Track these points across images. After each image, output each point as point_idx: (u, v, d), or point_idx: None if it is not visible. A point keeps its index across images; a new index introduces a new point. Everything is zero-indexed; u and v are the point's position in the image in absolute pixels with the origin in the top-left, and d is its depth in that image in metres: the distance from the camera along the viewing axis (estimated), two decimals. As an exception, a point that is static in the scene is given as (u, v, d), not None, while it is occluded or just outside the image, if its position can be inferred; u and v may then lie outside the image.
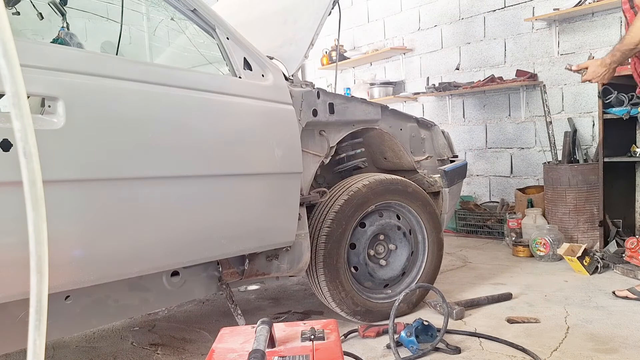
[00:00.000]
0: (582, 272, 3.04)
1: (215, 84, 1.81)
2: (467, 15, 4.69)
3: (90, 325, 1.92)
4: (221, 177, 1.78)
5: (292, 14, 2.44)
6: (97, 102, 1.45)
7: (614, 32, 3.68)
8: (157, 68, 1.78)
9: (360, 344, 2.13)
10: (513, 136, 4.44)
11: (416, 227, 2.53)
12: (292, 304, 2.80)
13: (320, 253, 2.17)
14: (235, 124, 1.82)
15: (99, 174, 1.45)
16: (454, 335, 2.15)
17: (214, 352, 1.19)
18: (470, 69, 4.72)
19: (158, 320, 2.62)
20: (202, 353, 2.14)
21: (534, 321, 2.28)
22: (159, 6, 2.33)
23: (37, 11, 2.25)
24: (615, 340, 2.02)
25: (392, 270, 2.42)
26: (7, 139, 1.25)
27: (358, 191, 2.26)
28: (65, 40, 2.12)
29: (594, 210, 3.55)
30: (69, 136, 1.37)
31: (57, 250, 1.37)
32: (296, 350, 1.16)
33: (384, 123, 2.54)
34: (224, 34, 1.90)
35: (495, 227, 4.28)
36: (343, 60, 5.55)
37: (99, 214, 1.46)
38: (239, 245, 1.88)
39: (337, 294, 2.22)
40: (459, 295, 2.71)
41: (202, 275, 2.04)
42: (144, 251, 1.60)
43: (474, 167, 4.74)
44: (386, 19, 5.49)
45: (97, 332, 2.49)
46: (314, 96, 2.18)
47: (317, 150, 2.24)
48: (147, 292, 1.87)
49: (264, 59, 2.01)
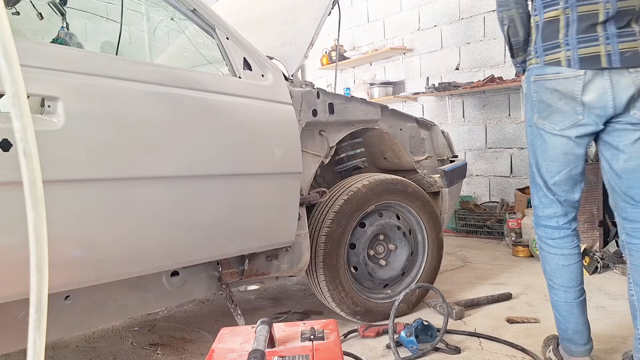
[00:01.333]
0: (581, 272, 3.04)
1: (215, 84, 1.81)
2: (467, 15, 4.69)
3: (90, 325, 1.92)
4: (221, 177, 1.78)
5: (292, 14, 2.44)
6: (96, 102, 1.45)
7: (614, 32, 3.67)
8: (157, 68, 1.78)
9: (360, 344, 2.13)
10: (513, 136, 4.44)
11: (416, 227, 2.53)
12: (292, 304, 2.80)
13: (320, 253, 2.17)
14: (234, 124, 1.82)
15: (98, 173, 1.45)
16: (454, 335, 2.15)
17: (213, 352, 1.19)
18: (470, 69, 4.72)
19: (158, 320, 2.62)
20: (201, 353, 2.14)
21: (534, 321, 2.28)
22: (158, 6, 2.34)
23: (37, 11, 2.25)
24: (615, 340, 2.02)
25: (391, 270, 2.42)
26: (7, 139, 1.25)
27: (358, 191, 2.27)
28: (65, 40, 2.12)
29: (593, 210, 3.55)
30: (68, 136, 1.37)
31: (57, 250, 1.37)
32: (296, 350, 1.16)
33: (384, 123, 2.54)
34: (223, 34, 1.90)
35: (495, 227, 4.28)
36: (343, 60, 5.55)
37: (99, 213, 1.46)
38: (239, 245, 1.88)
39: (337, 294, 2.22)
40: (459, 295, 2.71)
41: (201, 275, 2.04)
42: (143, 251, 1.60)
43: (474, 167, 4.75)
44: (386, 19, 5.49)
45: (97, 332, 2.49)
46: (313, 96, 2.18)
47: (317, 150, 2.24)
48: (147, 292, 1.87)
49: (264, 59, 2.01)
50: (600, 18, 1.51)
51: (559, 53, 1.57)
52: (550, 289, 1.77)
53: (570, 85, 1.56)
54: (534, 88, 1.66)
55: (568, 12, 1.55)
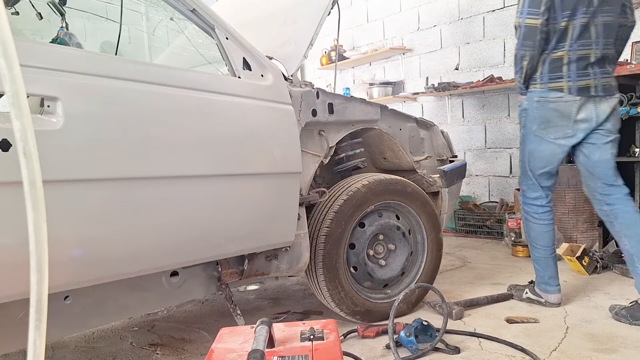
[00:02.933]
0: (581, 272, 3.04)
1: (215, 84, 1.81)
2: (466, 15, 4.69)
3: (90, 325, 1.92)
4: (221, 177, 1.78)
5: (291, 14, 2.44)
6: (96, 102, 1.45)
7: (613, 32, 3.68)
8: (157, 68, 1.78)
9: (360, 344, 2.13)
10: (512, 136, 4.44)
11: (415, 227, 2.53)
12: (292, 304, 2.80)
13: (319, 253, 2.17)
14: (234, 124, 1.82)
15: (98, 173, 1.45)
16: (454, 335, 2.15)
17: (213, 352, 1.19)
18: (470, 69, 4.72)
19: (157, 321, 2.62)
20: (201, 353, 2.14)
21: (533, 321, 2.28)
22: (158, 6, 2.34)
23: (37, 11, 2.25)
24: (614, 340, 2.02)
25: (391, 270, 2.42)
26: (7, 139, 1.25)
27: (357, 191, 2.27)
28: (64, 40, 2.12)
29: (593, 210, 3.55)
30: (68, 136, 1.37)
31: (57, 250, 1.37)
32: (295, 350, 1.16)
33: (383, 123, 2.54)
34: (223, 34, 1.90)
35: (495, 227, 4.28)
36: (342, 60, 5.55)
37: (99, 213, 1.46)
38: (238, 245, 1.88)
39: (337, 294, 2.22)
40: (459, 295, 2.71)
41: (201, 275, 2.04)
42: (143, 251, 1.60)
43: (473, 167, 4.75)
44: (385, 19, 5.49)
45: (97, 332, 2.49)
46: (313, 96, 2.18)
47: (317, 150, 2.24)
48: (147, 292, 1.87)
49: (264, 59, 2.01)
50: (591, 60, 2.20)
51: (562, 82, 2.22)
52: (533, 249, 2.50)
53: (568, 106, 2.22)
54: (537, 106, 2.29)
55: (570, 54, 2.20)
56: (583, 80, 2.19)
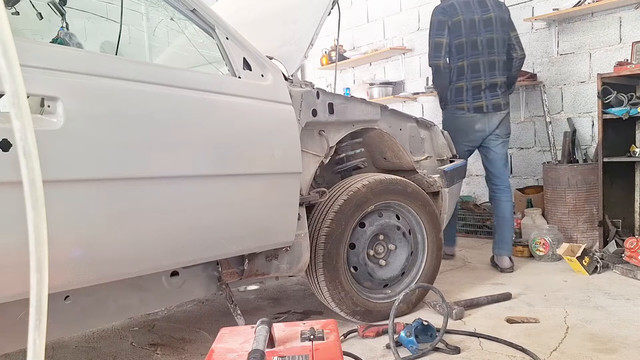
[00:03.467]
0: (581, 272, 3.04)
1: (215, 84, 1.81)
2: (466, 16, 4.68)
3: (90, 325, 1.92)
4: (221, 177, 1.77)
5: (292, 14, 2.43)
6: (96, 102, 1.45)
7: (613, 32, 3.69)
8: (157, 68, 1.78)
9: (360, 344, 2.13)
10: (512, 136, 4.42)
11: (416, 227, 2.53)
12: (292, 304, 2.80)
13: (319, 253, 2.17)
14: (234, 124, 1.82)
15: (98, 173, 1.45)
16: (454, 335, 2.15)
17: (213, 352, 1.19)
18: (470, 69, 4.71)
19: (157, 321, 2.62)
20: (201, 353, 2.14)
21: (534, 321, 2.28)
22: (158, 6, 2.34)
23: (37, 11, 2.25)
24: (614, 340, 2.02)
25: (391, 270, 2.42)
26: (7, 139, 1.25)
27: (357, 191, 2.27)
28: (64, 40, 2.12)
29: (593, 210, 3.55)
30: (68, 136, 1.37)
31: (57, 250, 1.37)
32: (296, 350, 1.16)
33: (384, 123, 2.54)
34: (223, 34, 1.90)
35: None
36: (342, 60, 5.55)
37: (99, 213, 1.46)
38: (239, 245, 1.88)
39: (337, 294, 2.22)
40: (459, 295, 2.71)
41: (201, 275, 2.04)
42: (143, 251, 1.59)
43: (474, 167, 4.74)
44: (386, 19, 5.49)
45: (97, 332, 2.49)
46: (313, 96, 2.18)
47: (317, 150, 2.24)
48: (147, 292, 1.87)
49: (264, 59, 2.01)
50: (482, 87, 3.13)
51: (463, 104, 3.17)
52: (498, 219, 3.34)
53: (469, 120, 3.17)
54: (450, 120, 3.25)
55: (467, 84, 3.14)
56: (477, 102, 3.13)
